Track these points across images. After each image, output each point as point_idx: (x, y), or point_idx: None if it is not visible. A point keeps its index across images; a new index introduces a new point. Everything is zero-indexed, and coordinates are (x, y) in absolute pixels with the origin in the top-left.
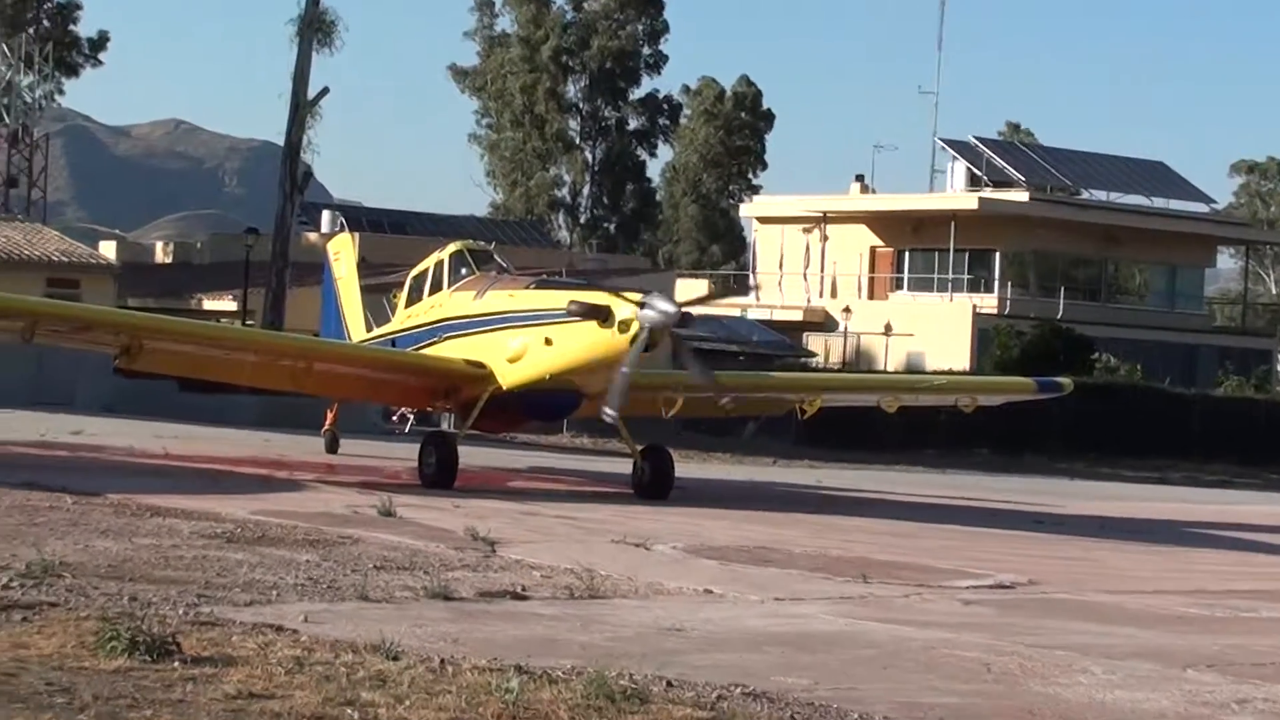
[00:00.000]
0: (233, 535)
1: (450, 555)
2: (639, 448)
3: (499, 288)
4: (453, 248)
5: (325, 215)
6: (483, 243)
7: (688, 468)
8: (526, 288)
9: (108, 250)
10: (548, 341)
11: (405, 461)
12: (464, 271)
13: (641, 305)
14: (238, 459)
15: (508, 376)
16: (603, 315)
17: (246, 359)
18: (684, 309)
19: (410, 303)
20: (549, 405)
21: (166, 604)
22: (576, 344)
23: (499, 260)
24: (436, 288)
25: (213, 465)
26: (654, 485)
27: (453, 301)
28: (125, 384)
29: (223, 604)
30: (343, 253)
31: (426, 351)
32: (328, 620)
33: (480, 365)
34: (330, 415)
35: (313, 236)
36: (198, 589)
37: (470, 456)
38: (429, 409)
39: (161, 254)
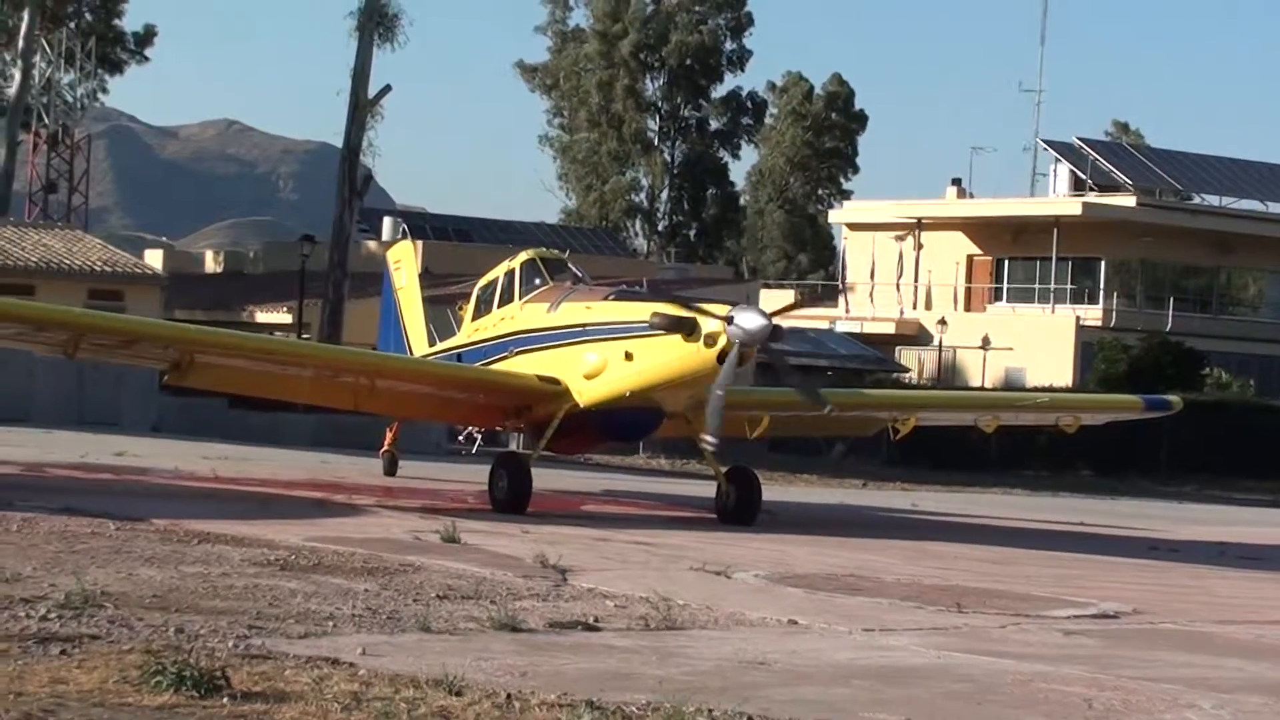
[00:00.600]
0: (286, 563)
1: (518, 584)
2: (723, 470)
3: (575, 299)
4: (524, 256)
5: (386, 222)
6: (556, 251)
7: (773, 490)
8: (605, 299)
9: (154, 259)
10: (628, 356)
11: (472, 484)
12: (537, 282)
13: (729, 319)
14: (291, 481)
15: (585, 394)
16: (688, 329)
17: (303, 375)
18: (775, 321)
19: (478, 315)
20: (628, 424)
21: (215, 636)
22: (659, 359)
23: (574, 269)
24: (507, 299)
25: (265, 488)
26: (739, 510)
27: (525, 314)
28: (172, 402)
29: (275, 636)
30: (403, 261)
31: (496, 367)
32: (387, 653)
33: (555, 382)
34: (390, 435)
35: (373, 245)
36: (248, 620)
37: (540, 479)
38: (498, 428)
39: (211, 263)
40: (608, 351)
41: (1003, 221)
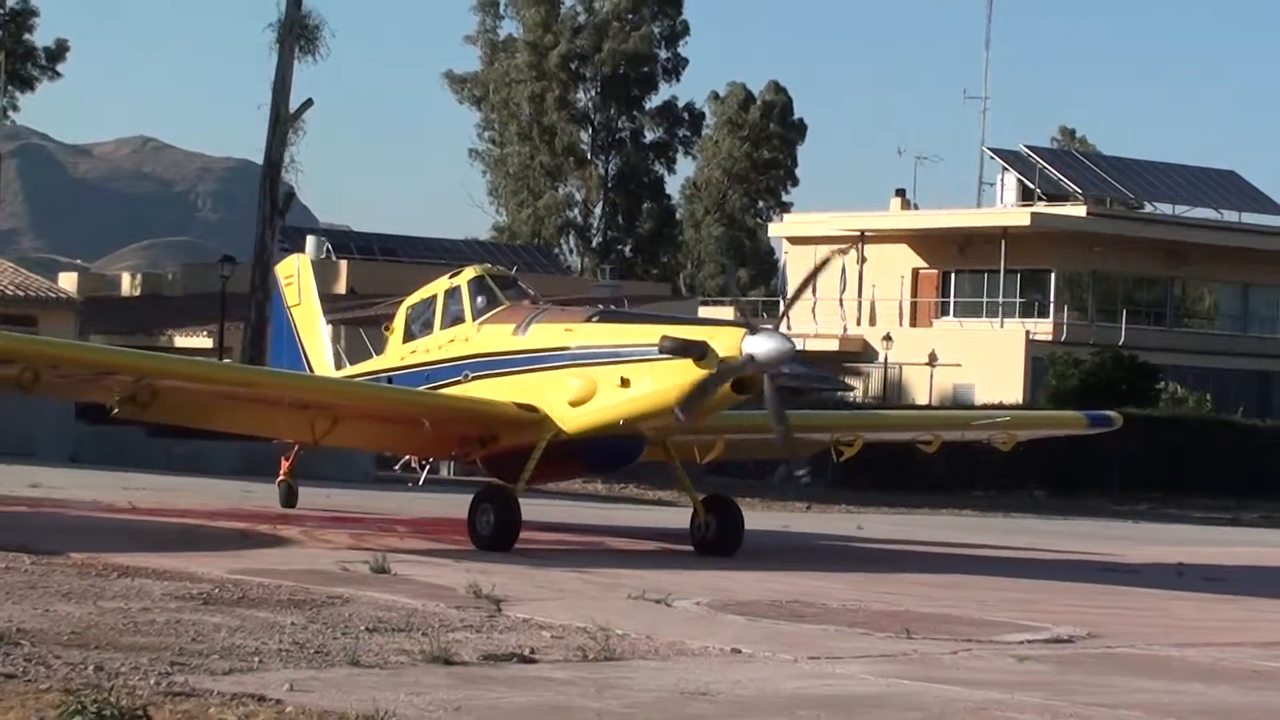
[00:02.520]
0: (209, 596)
1: (451, 615)
2: (700, 497)
3: (547, 320)
4: (470, 273)
5: (310, 241)
6: (502, 268)
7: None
8: (588, 320)
9: (68, 283)
10: (624, 382)
11: (401, 514)
12: (482, 300)
13: (747, 343)
14: (214, 512)
15: (570, 421)
16: (698, 353)
17: (278, 407)
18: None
19: (411, 336)
20: (612, 453)
21: (136, 673)
22: (663, 385)
23: (525, 288)
24: (453, 320)
25: (187, 519)
26: (721, 540)
27: (483, 336)
28: (89, 431)
29: (199, 672)
30: (296, 277)
31: (451, 393)
32: (315, 688)
33: (532, 409)
34: (286, 463)
35: None
36: (171, 656)
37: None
38: (449, 459)
39: (128, 286)
40: (598, 377)
41: (949, 233)
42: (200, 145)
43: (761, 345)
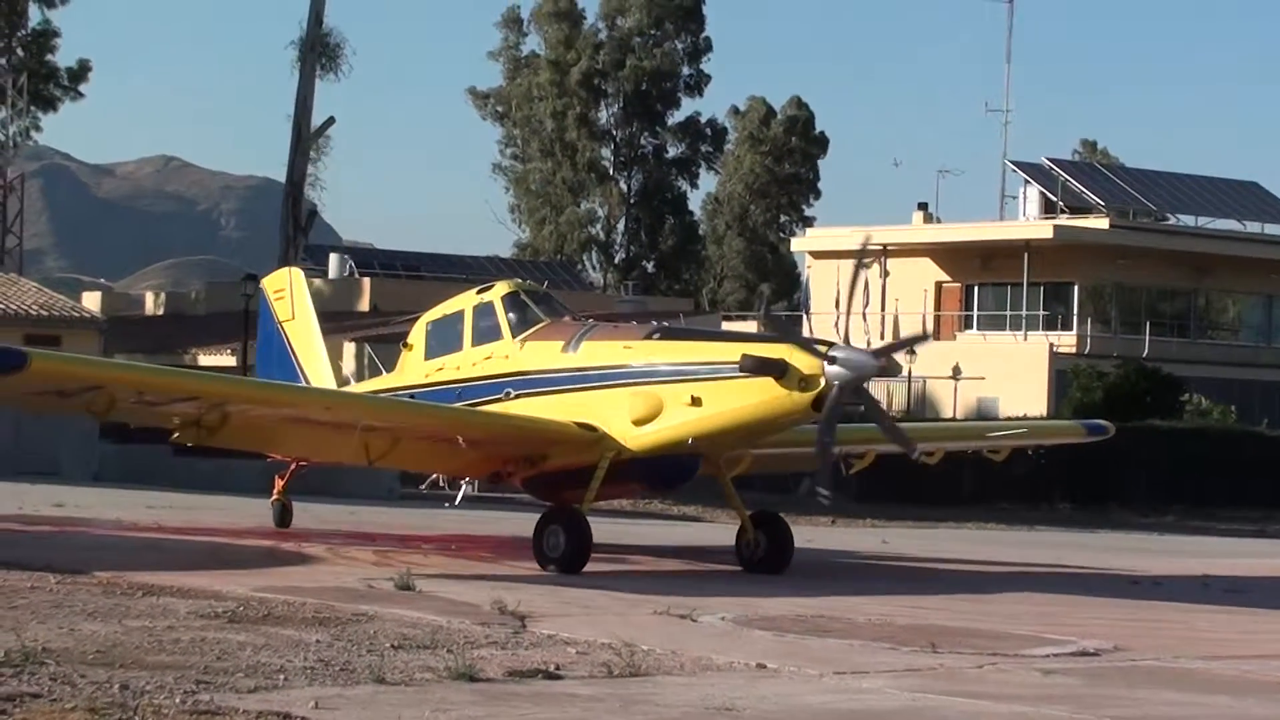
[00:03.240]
0: (234, 614)
1: (476, 631)
2: (749, 514)
3: (601, 338)
4: (504, 289)
5: (333, 259)
6: (533, 283)
7: (731, 529)
8: (648, 337)
9: (91, 302)
10: (695, 400)
11: (436, 531)
12: (517, 317)
13: (829, 359)
14: (239, 530)
15: (635, 440)
16: (778, 371)
17: (349, 429)
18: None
19: (434, 353)
20: (671, 471)
21: (161, 692)
22: (739, 404)
23: (561, 304)
24: (485, 336)
25: (211, 537)
26: (772, 559)
27: (527, 353)
28: (113, 450)
29: (224, 691)
30: (288, 291)
31: (494, 410)
32: (341, 706)
33: (591, 428)
34: (281, 481)
35: (319, 283)
36: (196, 675)
37: (486, 523)
38: (486, 478)
39: (152, 305)
40: (666, 395)
41: (972, 247)
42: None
43: (848, 361)
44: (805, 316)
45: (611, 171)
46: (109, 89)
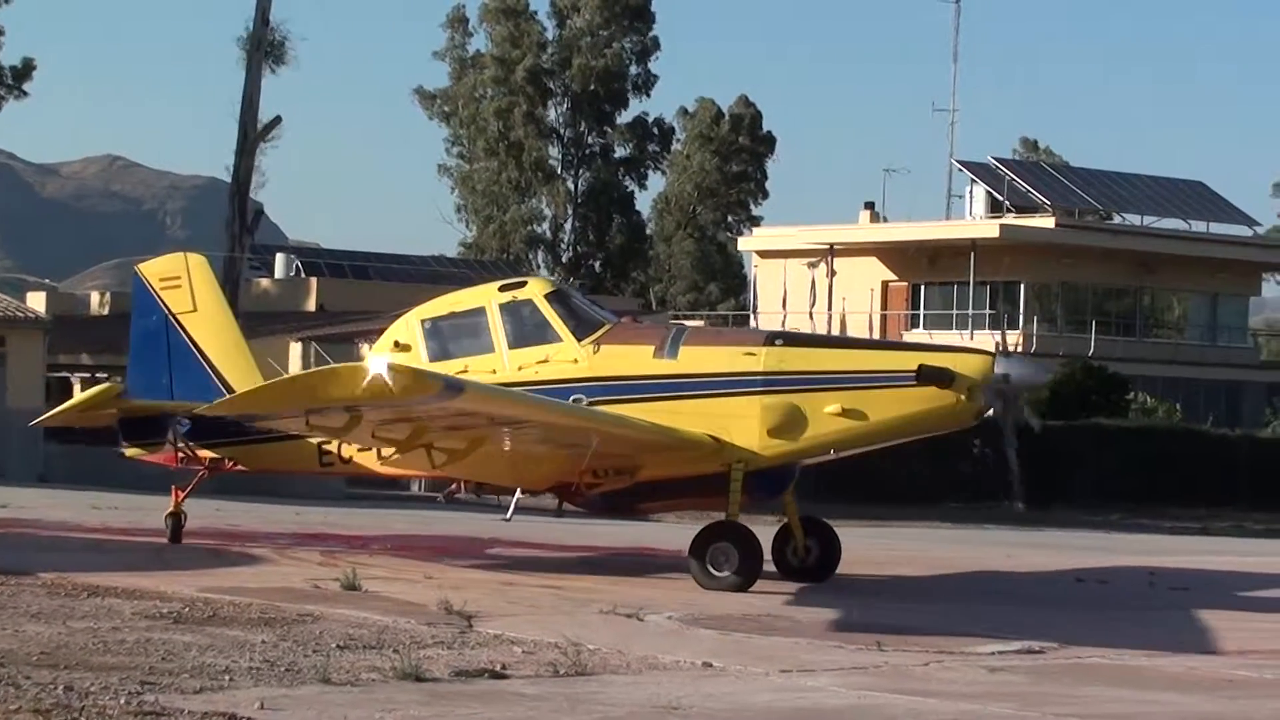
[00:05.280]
0: (180, 615)
1: (422, 632)
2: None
3: (703, 343)
4: (544, 286)
5: (279, 259)
6: (555, 279)
7: (681, 529)
8: (769, 343)
9: (36, 302)
10: (845, 409)
11: (373, 531)
12: (569, 317)
13: (998, 368)
14: (185, 531)
15: (770, 449)
16: (945, 380)
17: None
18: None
19: (444, 354)
20: (775, 480)
21: (106, 693)
22: (897, 413)
23: (597, 304)
24: (531, 338)
25: (157, 538)
26: (819, 568)
27: (605, 358)
28: (59, 451)
29: (169, 692)
30: (185, 278)
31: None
32: (286, 707)
33: (713, 438)
34: (181, 494)
35: (266, 283)
36: (141, 676)
37: (434, 524)
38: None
39: (97, 305)
40: (805, 403)
41: (918, 246)
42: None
43: (1016, 369)
44: (753, 316)
45: (559, 171)
46: (53, 88)
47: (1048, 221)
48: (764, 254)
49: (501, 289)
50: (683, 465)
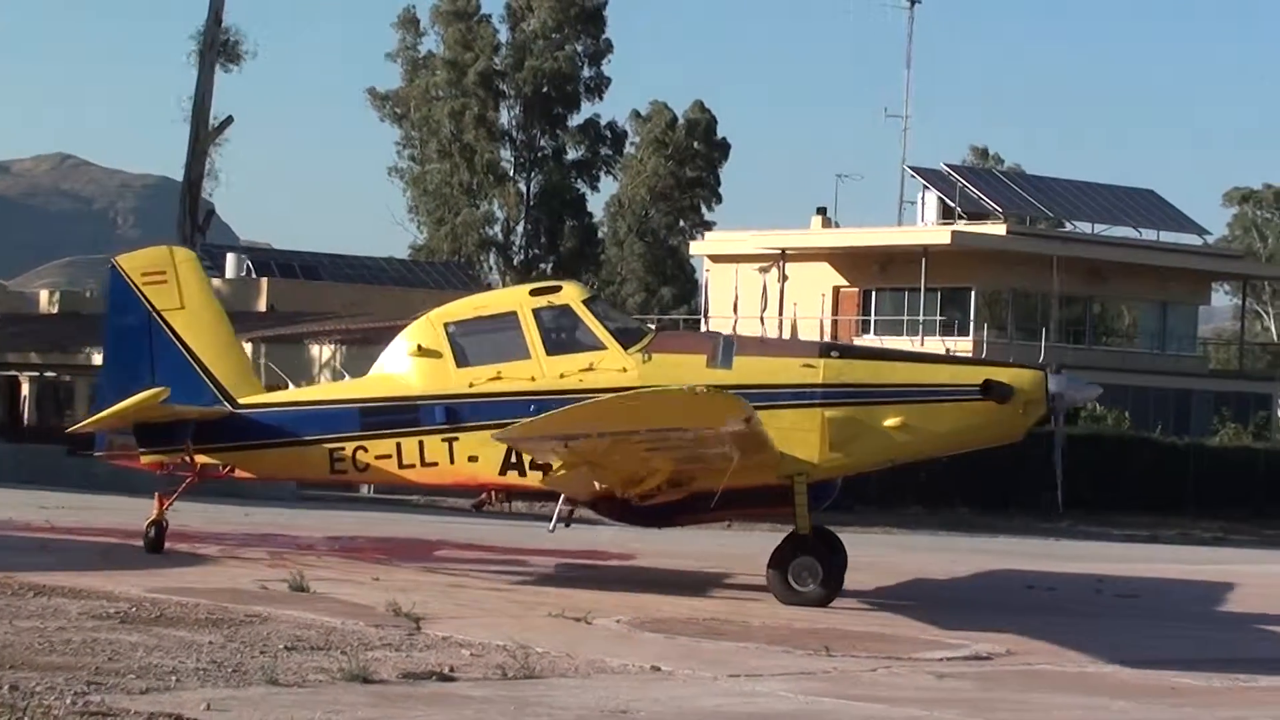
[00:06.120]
0: (126, 615)
1: (370, 633)
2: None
3: (757, 353)
4: (579, 292)
5: (230, 259)
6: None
7: (634, 531)
8: (824, 354)
9: None
10: (905, 423)
11: (320, 532)
12: (611, 325)
13: (1051, 384)
14: (134, 530)
15: (830, 461)
16: (1005, 394)
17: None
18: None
19: (476, 359)
20: (831, 490)
21: (52, 693)
22: (954, 426)
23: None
24: (569, 345)
25: (105, 538)
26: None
27: (656, 367)
28: (6, 450)
29: (115, 692)
30: (171, 273)
31: None
32: (233, 708)
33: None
34: (165, 502)
35: (217, 283)
36: (87, 676)
37: (383, 526)
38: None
39: (46, 304)
40: (864, 415)
41: (870, 252)
42: (120, 162)
43: (1074, 391)
44: (704, 320)
45: (511, 173)
46: (4, 85)
47: (999, 229)
48: (716, 258)
49: (533, 293)
50: (739, 476)
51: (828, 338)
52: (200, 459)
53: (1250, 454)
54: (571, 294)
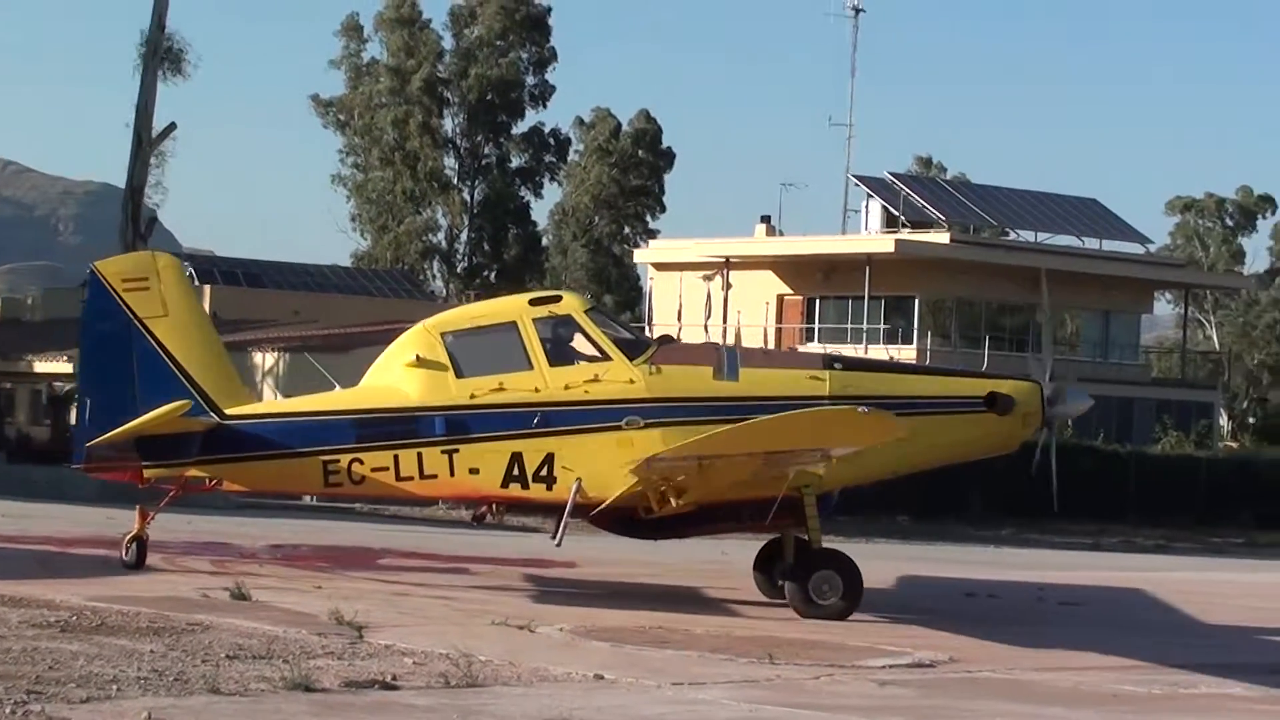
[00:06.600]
0: (67, 624)
1: (312, 642)
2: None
3: (763, 365)
4: (580, 302)
5: None
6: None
7: (575, 539)
8: (829, 367)
9: None
10: (909, 435)
11: (263, 540)
12: (613, 335)
13: (1051, 396)
14: (74, 539)
15: (834, 473)
16: (1007, 406)
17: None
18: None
19: (475, 370)
20: (826, 501)
21: None
22: (954, 438)
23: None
24: (572, 355)
25: (45, 546)
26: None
27: (665, 378)
28: None
29: (55, 701)
30: (154, 279)
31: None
32: (174, 717)
33: None
34: (147, 518)
35: None
36: (27, 685)
37: (325, 534)
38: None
39: None
40: None
41: (814, 260)
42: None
43: (1076, 404)
44: (648, 327)
45: (455, 181)
46: None
47: (943, 237)
48: (660, 266)
49: (533, 303)
50: (757, 489)
51: (771, 346)
52: (191, 471)
53: (1192, 462)
54: (572, 304)
